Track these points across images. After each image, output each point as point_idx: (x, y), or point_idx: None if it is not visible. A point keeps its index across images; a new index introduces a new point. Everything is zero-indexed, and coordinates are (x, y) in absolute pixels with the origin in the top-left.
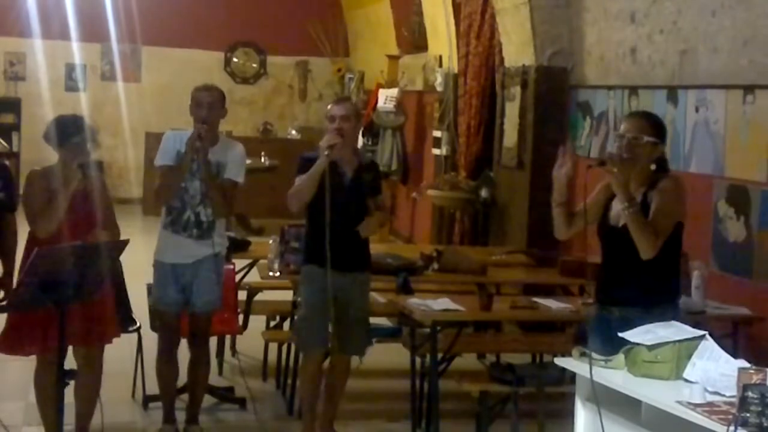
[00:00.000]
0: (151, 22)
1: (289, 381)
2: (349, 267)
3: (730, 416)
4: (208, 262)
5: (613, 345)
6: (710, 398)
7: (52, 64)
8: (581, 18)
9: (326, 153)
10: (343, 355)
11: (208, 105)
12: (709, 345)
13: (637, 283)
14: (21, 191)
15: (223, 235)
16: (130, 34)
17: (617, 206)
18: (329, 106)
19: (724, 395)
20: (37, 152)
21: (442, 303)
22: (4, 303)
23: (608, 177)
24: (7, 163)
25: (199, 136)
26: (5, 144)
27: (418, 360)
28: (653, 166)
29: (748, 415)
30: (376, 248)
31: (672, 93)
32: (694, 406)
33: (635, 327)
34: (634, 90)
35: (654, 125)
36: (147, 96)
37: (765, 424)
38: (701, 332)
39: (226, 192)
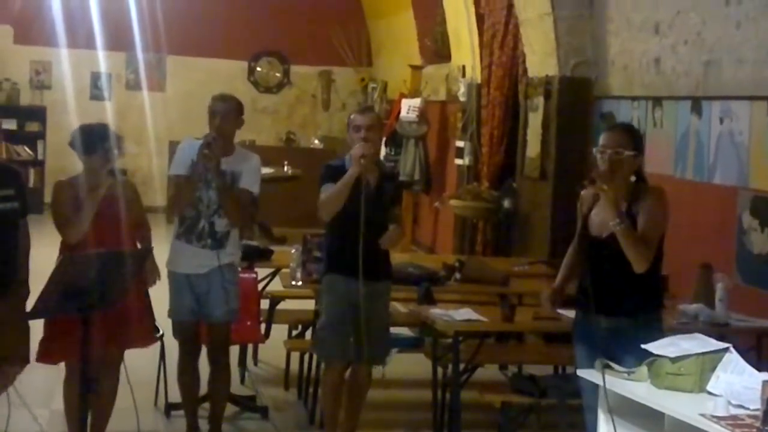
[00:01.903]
0: (176, 31)
1: (311, 390)
2: (371, 276)
3: (754, 430)
4: (223, 272)
5: (598, 354)
6: (734, 411)
7: (78, 72)
8: (605, 28)
9: (361, 162)
10: (364, 364)
11: (222, 115)
12: (733, 358)
13: (623, 293)
14: (48, 199)
15: (237, 245)
16: (155, 43)
17: (598, 217)
18: (353, 116)
19: (748, 408)
20: (62, 160)
21: (465, 313)
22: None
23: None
24: (19, 170)
25: (207, 144)
26: (30, 152)
27: (440, 370)
28: (633, 178)
29: None
30: (398, 258)
31: (696, 104)
32: (718, 419)
33: (623, 336)
34: (658, 101)
35: (632, 138)
36: (171, 105)
37: None
38: (725, 345)
39: (241, 202)
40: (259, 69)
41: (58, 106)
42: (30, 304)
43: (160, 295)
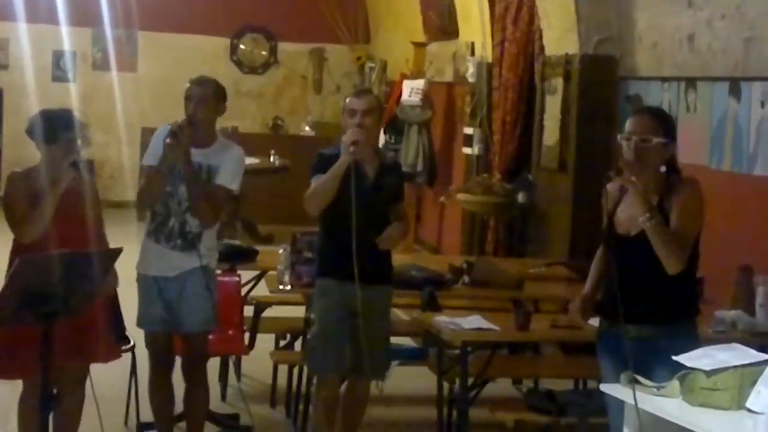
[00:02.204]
0: (148, 4)
1: (301, 408)
2: (369, 280)
3: None
4: (195, 276)
5: (625, 367)
6: None
7: (38, 50)
8: (632, 1)
9: (351, 150)
10: (361, 378)
11: (198, 100)
12: None
13: (654, 298)
14: (1, 193)
15: (211, 246)
16: (126, 18)
17: (625, 213)
18: (348, 99)
19: None
20: (19, 149)
21: (474, 321)
22: None
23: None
24: None
25: (173, 134)
26: None
27: (446, 385)
28: (663, 168)
29: None
30: (399, 259)
31: (735, 86)
32: None
33: (653, 347)
34: (691, 82)
35: (663, 123)
36: (144, 87)
37: None
38: (767, 356)
39: (215, 200)
40: (242, 47)
41: (16, 88)
42: None
43: (130, 301)
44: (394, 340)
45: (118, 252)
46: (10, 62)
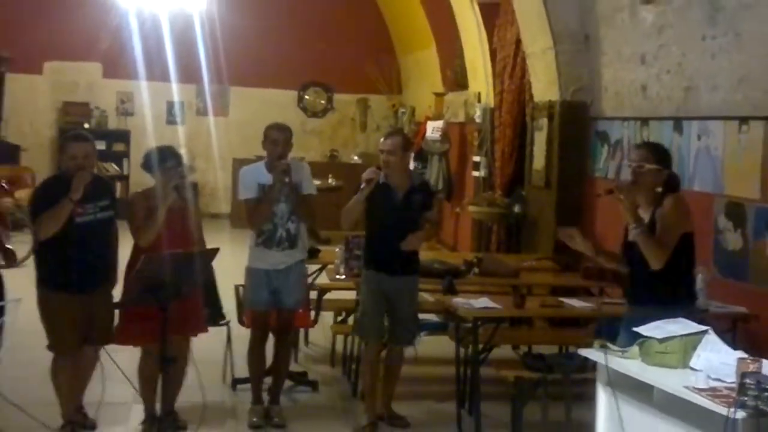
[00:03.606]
0: (237, 66)
1: (353, 367)
2: (402, 272)
3: (731, 400)
4: (297, 267)
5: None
6: (713, 384)
7: (155, 101)
8: (599, 60)
9: (362, 186)
10: (397, 345)
11: (283, 142)
12: (711, 338)
13: (656, 288)
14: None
15: (305, 246)
16: (220, 77)
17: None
18: (381, 140)
19: (725, 381)
20: (143, 175)
21: (482, 302)
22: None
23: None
24: (111, 181)
25: (284, 172)
26: (117, 168)
27: (462, 350)
28: (659, 189)
29: (746, 398)
30: (425, 255)
31: (677, 124)
32: (699, 391)
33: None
34: (645, 121)
35: (657, 154)
36: (233, 128)
37: (761, 407)
38: (705, 327)
39: (310, 204)
40: (307, 97)
41: (140, 130)
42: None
43: (227, 288)
44: (421, 316)
45: (215, 251)
46: (135, 110)
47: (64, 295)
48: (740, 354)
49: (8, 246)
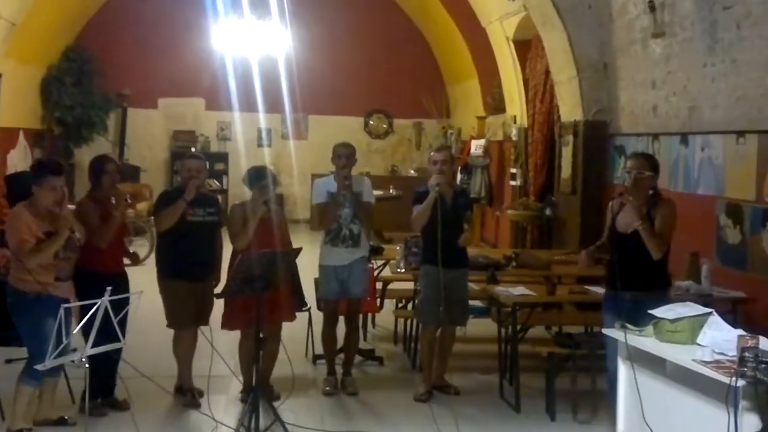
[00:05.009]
0: (313, 98)
1: (413, 345)
2: (453, 265)
3: (732, 370)
4: (360, 262)
5: (621, 318)
6: (717, 357)
7: (248, 128)
8: (616, 85)
9: (436, 189)
10: (450, 326)
11: (346, 156)
12: (715, 319)
13: (641, 274)
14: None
15: (367, 243)
16: (300, 107)
17: (624, 219)
18: (432, 153)
19: (727, 355)
20: (239, 189)
21: (519, 290)
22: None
23: (620, 198)
24: (217, 196)
25: (345, 178)
26: (218, 184)
27: (502, 330)
28: (651, 191)
29: (745, 369)
30: (472, 251)
31: (684, 138)
32: (706, 363)
33: (643, 306)
34: (656, 136)
35: (651, 162)
36: (312, 149)
37: (758, 376)
38: (709, 310)
39: (369, 210)
40: (371, 122)
41: (236, 152)
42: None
43: (307, 280)
44: (470, 302)
45: (298, 250)
46: (232, 136)
47: (179, 282)
48: (740, 332)
49: (132, 250)
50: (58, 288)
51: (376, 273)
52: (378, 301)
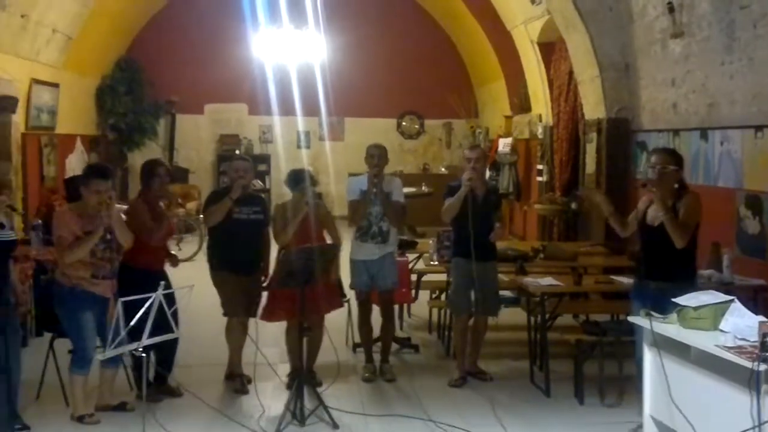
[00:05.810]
0: (348, 101)
1: (446, 333)
2: (483, 258)
3: (754, 355)
4: (389, 257)
5: (647, 307)
6: (739, 343)
7: (288, 131)
8: (638, 84)
9: (467, 183)
10: (482, 315)
11: (378, 156)
12: (737, 306)
13: (668, 265)
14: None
15: (395, 239)
16: (336, 110)
17: (652, 212)
18: (465, 152)
19: (749, 341)
20: (281, 189)
21: (547, 280)
22: (266, 285)
23: (650, 193)
24: (263, 196)
25: (375, 176)
26: (262, 183)
27: (532, 319)
28: (676, 185)
29: (767, 354)
30: (501, 244)
31: (703, 133)
32: (728, 349)
33: (668, 295)
34: (676, 132)
35: (674, 157)
36: (348, 150)
37: None
38: (731, 297)
39: (397, 209)
40: (404, 123)
41: (277, 154)
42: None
43: (347, 275)
44: (500, 292)
45: (334, 247)
46: (273, 139)
47: (230, 274)
48: (761, 318)
49: (172, 251)
50: (96, 285)
51: (410, 265)
52: (413, 292)
